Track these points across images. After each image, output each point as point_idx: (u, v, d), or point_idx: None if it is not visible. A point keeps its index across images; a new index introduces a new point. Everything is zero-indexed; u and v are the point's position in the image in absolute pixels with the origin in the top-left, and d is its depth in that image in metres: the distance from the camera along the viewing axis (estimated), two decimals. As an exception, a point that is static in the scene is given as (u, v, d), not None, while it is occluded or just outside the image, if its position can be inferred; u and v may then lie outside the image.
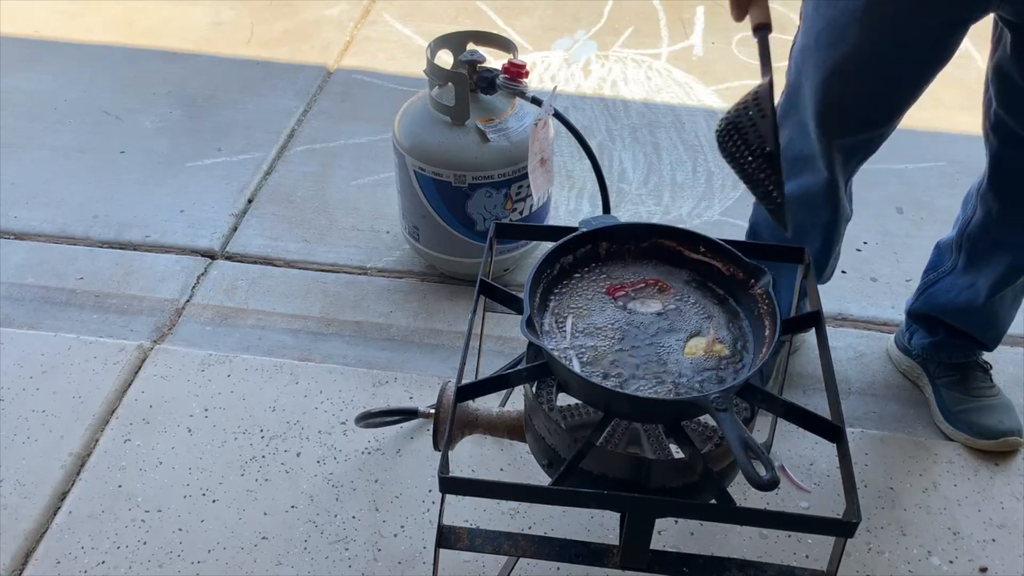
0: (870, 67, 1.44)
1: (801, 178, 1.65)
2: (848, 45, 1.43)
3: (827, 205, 1.67)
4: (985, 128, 1.57)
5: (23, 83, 2.89)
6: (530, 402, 1.24)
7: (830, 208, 1.68)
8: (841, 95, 1.49)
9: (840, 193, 1.66)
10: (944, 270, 1.79)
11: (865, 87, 1.48)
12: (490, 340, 1.97)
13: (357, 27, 3.29)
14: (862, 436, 1.80)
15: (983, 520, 1.66)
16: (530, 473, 1.62)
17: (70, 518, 1.60)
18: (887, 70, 1.45)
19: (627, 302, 1.23)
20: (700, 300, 1.25)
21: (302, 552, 1.56)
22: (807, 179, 1.64)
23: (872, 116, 1.54)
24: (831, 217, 1.70)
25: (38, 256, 2.22)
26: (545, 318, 1.21)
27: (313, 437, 1.76)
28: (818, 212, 1.68)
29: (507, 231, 1.45)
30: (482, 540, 1.21)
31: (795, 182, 1.66)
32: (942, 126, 2.79)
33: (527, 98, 1.94)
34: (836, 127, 1.54)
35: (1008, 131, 1.51)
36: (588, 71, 3.08)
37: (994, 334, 1.80)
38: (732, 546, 1.59)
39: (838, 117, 1.52)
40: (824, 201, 1.66)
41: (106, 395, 1.82)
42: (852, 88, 1.48)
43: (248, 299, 2.12)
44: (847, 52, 1.44)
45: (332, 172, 2.56)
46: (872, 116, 1.54)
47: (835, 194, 1.65)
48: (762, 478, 0.96)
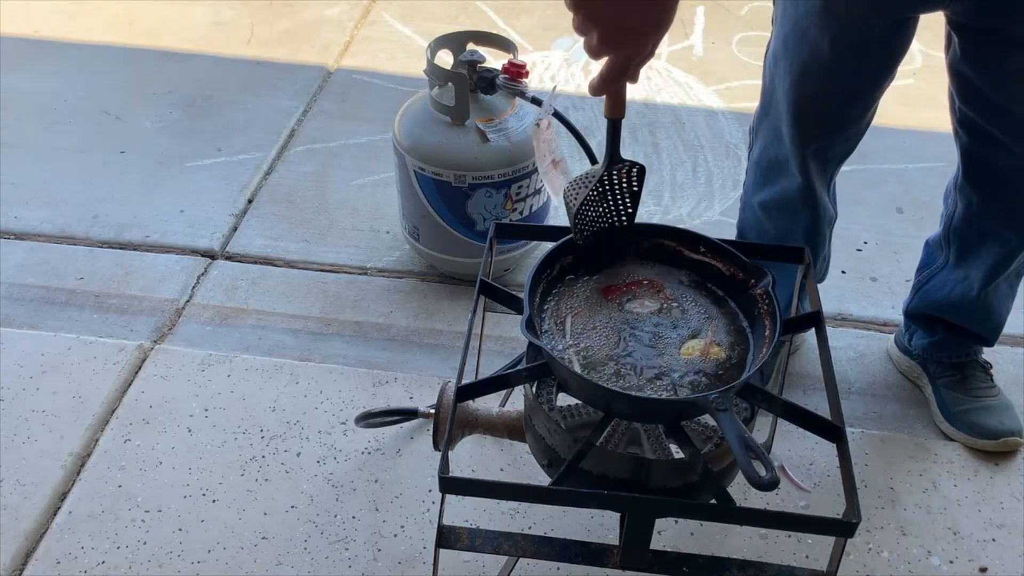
0: (832, 68, 1.46)
1: (777, 184, 1.67)
2: (810, 46, 1.45)
3: (805, 209, 1.69)
4: (953, 124, 1.59)
5: (23, 83, 2.89)
6: (530, 402, 1.24)
7: (808, 212, 1.70)
8: (812, 97, 1.51)
9: (818, 196, 1.68)
10: (936, 267, 1.79)
11: (830, 87, 1.50)
12: (490, 340, 1.97)
13: (357, 27, 3.29)
14: (862, 436, 1.80)
15: (983, 520, 1.66)
16: (530, 473, 1.62)
17: (70, 518, 1.60)
18: (846, 70, 1.47)
19: (626, 302, 1.23)
20: (699, 300, 1.25)
21: (302, 552, 1.56)
22: (783, 184, 1.66)
23: (840, 117, 1.56)
24: (811, 220, 1.72)
25: (38, 256, 2.22)
26: (545, 318, 1.21)
27: (313, 437, 1.76)
28: (796, 216, 1.70)
29: (507, 231, 1.45)
30: (482, 540, 1.20)
31: (772, 188, 1.69)
32: (942, 126, 2.76)
33: (527, 98, 1.94)
34: (809, 129, 1.56)
35: (973, 124, 1.53)
36: (588, 71, 3.08)
37: (992, 326, 1.79)
38: (732, 546, 1.59)
39: (812, 119, 1.55)
40: (801, 205, 1.68)
41: (106, 395, 1.82)
42: (819, 89, 1.50)
43: (248, 299, 2.12)
44: (811, 53, 1.46)
45: (332, 172, 2.56)
46: (840, 117, 1.56)
47: (812, 197, 1.67)
48: (762, 478, 0.96)
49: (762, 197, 1.72)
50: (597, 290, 1.25)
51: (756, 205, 1.74)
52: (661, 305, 1.23)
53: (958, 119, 1.56)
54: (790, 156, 1.60)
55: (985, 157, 1.56)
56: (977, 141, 1.55)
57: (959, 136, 1.58)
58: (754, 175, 1.74)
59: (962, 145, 1.59)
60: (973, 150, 1.57)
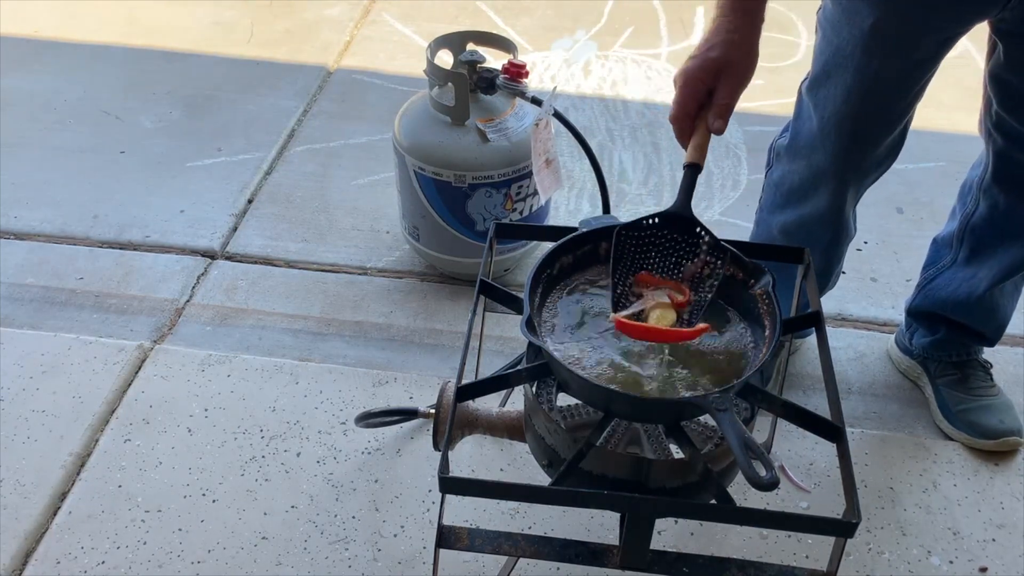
0: (879, 91, 1.47)
1: (801, 207, 1.68)
2: (856, 72, 1.45)
3: (827, 231, 1.70)
4: (987, 125, 1.58)
5: (23, 83, 2.89)
6: (530, 402, 1.23)
7: (831, 233, 1.71)
8: (857, 119, 1.51)
9: (845, 217, 1.69)
10: (943, 265, 1.80)
11: (878, 110, 1.50)
12: (490, 340, 1.97)
13: (357, 27, 3.29)
14: (862, 436, 1.80)
15: (983, 520, 1.66)
16: (530, 473, 1.62)
17: (70, 518, 1.60)
18: (893, 92, 1.48)
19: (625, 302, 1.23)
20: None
21: (302, 552, 1.56)
22: (808, 208, 1.67)
23: (885, 137, 1.56)
24: (831, 240, 1.73)
25: (38, 256, 2.22)
26: (544, 318, 1.21)
27: (313, 437, 1.76)
28: (817, 238, 1.70)
29: (507, 231, 1.45)
30: (482, 540, 1.20)
31: (794, 211, 1.69)
32: (942, 126, 2.79)
33: (527, 98, 1.94)
34: (854, 153, 1.56)
35: (1010, 128, 1.53)
36: (588, 71, 3.08)
37: (995, 325, 1.80)
38: (732, 546, 1.59)
39: (858, 143, 1.54)
40: (824, 227, 1.69)
41: (106, 395, 1.82)
42: (867, 112, 1.50)
43: (248, 299, 2.12)
44: (857, 78, 1.46)
45: (332, 172, 2.56)
46: (885, 137, 1.56)
47: (839, 219, 1.68)
48: (762, 478, 0.96)
49: (783, 219, 1.72)
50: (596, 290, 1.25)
51: (775, 226, 1.74)
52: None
53: (994, 123, 1.56)
54: (825, 181, 1.60)
55: (1019, 161, 1.56)
56: (1014, 144, 1.55)
57: (992, 138, 1.58)
58: (773, 196, 1.74)
59: (996, 148, 1.59)
60: (1007, 153, 1.57)
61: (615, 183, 2.53)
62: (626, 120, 2.83)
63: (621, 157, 2.65)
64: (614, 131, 2.77)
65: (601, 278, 1.25)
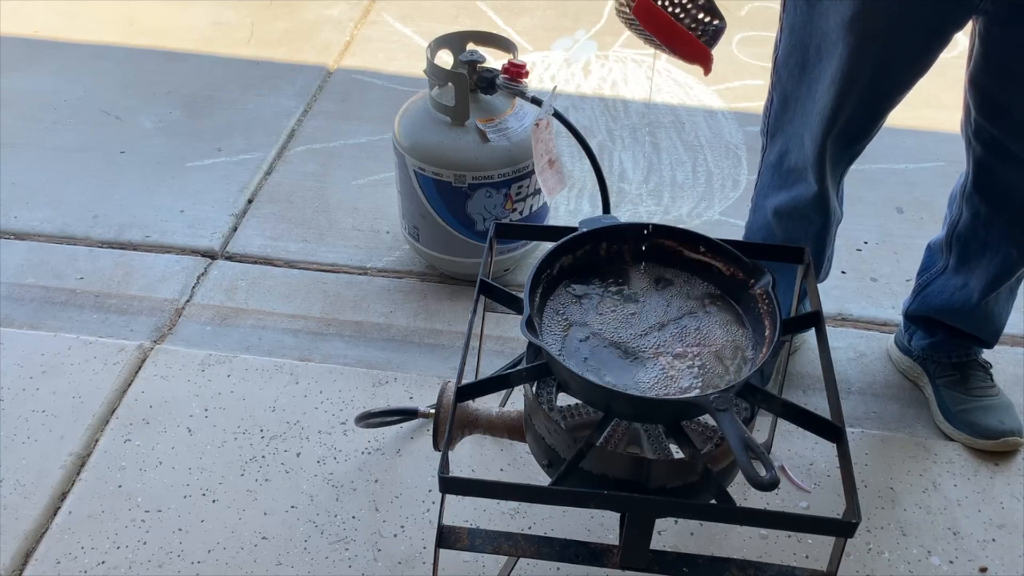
0: (860, 76, 1.46)
1: (794, 189, 1.67)
2: (839, 58, 1.45)
3: (818, 215, 1.70)
4: (967, 134, 1.58)
5: (23, 83, 2.89)
6: (530, 402, 1.24)
7: (821, 217, 1.70)
8: (838, 107, 1.50)
9: (830, 201, 1.68)
10: (936, 271, 1.80)
11: (859, 95, 1.49)
12: (490, 340, 1.97)
13: (357, 27, 3.29)
14: (862, 436, 1.80)
15: (983, 520, 1.66)
16: (530, 473, 1.62)
17: (70, 518, 1.60)
18: (879, 77, 1.47)
19: (625, 302, 1.23)
20: (698, 299, 1.25)
21: (302, 552, 1.56)
22: (799, 191, 1.66)
23: (867, 123, 1.56)
24: (822, 224, 1.72)
25: (38, 256, 2.22)
26: (544, 318, 1.21)
27: (313, 437, 1.76)
28: (809, 223, 1.70)
29: (507, 231, 1.45)
30: (482, 540, 1.21)
31: (788, 193, 1.69)
32: (942, 126, 2.79)
33: (527, 98, 1.94)
34: (835, 139, 1.55)
35: (989, 136, 1.53)
36: (588, 71, 3.08)
37: (992, 331, 1.80)
38: (732, 546, 1.59)
39: (840, 130, 1.54)
40: (814, 212, 1.69)
41: (106, 395, 1.82)
42: (848, 98, 1.49)
43: (248, 299, 2.12)
44: (839, 64, 1.45)
45: (332, 172, 2.56)
46: (867, 123, 1.56)
47: (825, 203, 1.67)
48: (762, 478, 0.96)
49: (777, 202, 1.72)
50: (597, 289, 1.25)
51: (769, 209, 1.74)
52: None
53: (973, 131, 1.55)
54: (809, 164, 1.60)
55: (998, 170, 1.56)
56: (992, 154, 1.55)
57: (972, 146, 1.58)
58: (770, 177, 1.73)
59: (975, 157, 1.58)
60: (986, 163, 1.57)
61: (615, 183, 2.53)
62: (626, 120, 2.83)
63: (621, 157, 2.65)
64: (614, 131, 2.77)
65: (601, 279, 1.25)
